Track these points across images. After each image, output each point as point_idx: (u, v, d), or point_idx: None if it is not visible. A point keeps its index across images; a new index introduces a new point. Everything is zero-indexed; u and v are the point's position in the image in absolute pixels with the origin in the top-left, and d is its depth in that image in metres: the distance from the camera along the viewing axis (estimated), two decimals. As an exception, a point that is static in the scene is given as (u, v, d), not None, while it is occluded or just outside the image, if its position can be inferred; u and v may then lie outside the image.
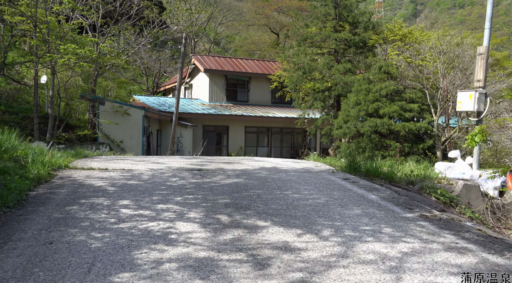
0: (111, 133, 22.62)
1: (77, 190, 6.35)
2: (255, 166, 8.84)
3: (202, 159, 9.98)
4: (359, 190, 6.79)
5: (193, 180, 7.25)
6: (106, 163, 8.74)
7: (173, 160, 9.41)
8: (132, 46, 24.69)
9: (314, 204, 5.91)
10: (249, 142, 28.52)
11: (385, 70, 19.16)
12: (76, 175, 7.39)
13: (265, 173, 8.11)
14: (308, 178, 7.65)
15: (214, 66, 29.45)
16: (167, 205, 5.67)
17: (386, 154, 18.61)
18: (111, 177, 7.31)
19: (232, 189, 6.68)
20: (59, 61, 21.11)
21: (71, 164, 8.44)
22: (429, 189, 7.44)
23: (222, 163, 9.19)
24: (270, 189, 6.74)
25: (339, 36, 20.91)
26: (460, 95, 9.31)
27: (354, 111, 19.14)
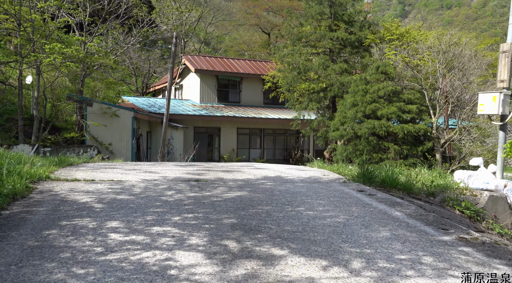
0: (99, 135, 21.61)
1: (58, 208, 5.43)
2: (258, 175, 7.98)
3: (198, 166, 9.09)
4: (379, 205, 5.96)
5: (192, 194, 6.36)
6: (93, 172, 7.80)
7: (167, 169, 8.50)
8: (120, 46, 23.67)
9: (333, 224, 5.06)
10: (241, 144, 27.64)
11: (382, 70, 18.42)
12: (59, 189, 6.45)
13: (270, 184, 7.25)
14: (319, 190, 6.80)
15: (205, 66, 28.52)
16: (164, 228, 4.78)
17: (384, 157, 17.88)
18: (99, 191, 6.40)
19: (236, 205, 5.80)
20: (45, 61, 20.04)
21: (53, 174, 7.49)
22: (452, 201, 6.65)
23: (221, 171, 8.31)
24: (279, 205, 5.87)
25: (335, 35, 20.13)
26: (482, 97, 8.54)
27: (351, 113, 18.37)
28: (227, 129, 27.25)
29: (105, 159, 20.29)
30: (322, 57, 20.19)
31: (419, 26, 21.15)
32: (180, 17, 25.41)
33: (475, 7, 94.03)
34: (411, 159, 17.60)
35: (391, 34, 19.61)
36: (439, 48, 17.50)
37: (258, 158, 27.57)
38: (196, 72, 28.20)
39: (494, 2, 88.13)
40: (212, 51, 45.84)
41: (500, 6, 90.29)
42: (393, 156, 17.75)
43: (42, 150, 20.64)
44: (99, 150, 21.12)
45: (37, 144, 20.39)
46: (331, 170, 8.91)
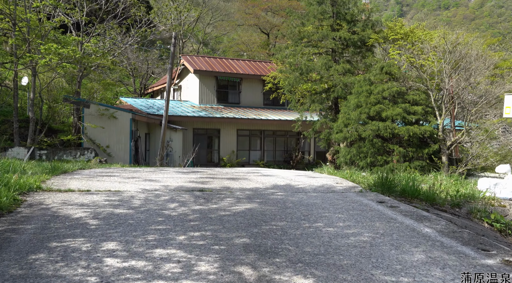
0: (97, 137, 20.95)
1: (49, 226, 4.79)
2: (266, 184, 7.36)
3: (201, 173, 8.44)
4: (405, 220, 5.34)
5: (197, 207, 5.73)
6: (89, 181, 7.16)
7: (168, 176, 7.86)
8: (118, 46, 23.00)
9: (359, 244, 4.44)
10: (241, 145, 27.00)
11: (387, 70, 17.84)
12: (50, 201, 5.81)
13: (281, 194, 6.63)
14: (335, 201, 6.19)
15: (204, 67, 27.87)
16: (168, 250, 4.15)
17: (389, 159, 17.29)
18: (94, 203, 5.76)
19: (247, 220, 5.18)
20: (40, 62, 19.37)
21: (45, 184, 6.85)
22: (480, 213, 6.06)
23: (227, 179, 7.68)
24: (295, 220, 5.25)
25: (337, 35, 19.53)
26: (509, 99, 7.95)
27: (355, 114, 17.78)
28: (227, 130, 26.62)
29: (102, 162, 19.62)
30: (324, 57, 19.59)
31: (424, 26, 20.57)
32: (179, 17, 24.76)
33: (473, 7, 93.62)
34: (417, 162, 17.03)
35: (395, 34, 19.02)
36: (445, 48, 16.92)
37: (258, 160, 26.95)
38: (195, 73, 27.56)
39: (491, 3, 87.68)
40: (211, 52, 45.20)
41: (497, 7, 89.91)
42: (398, 158, 17.17)
43: (38, 153, 19.97)
44: (96, 152, 20.47)
45: (33, 147, 19.72)
46: (344, 177, 8.30)
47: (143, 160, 22.97)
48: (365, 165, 17.59)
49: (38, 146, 19.95)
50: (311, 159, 28.08)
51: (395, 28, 19.19)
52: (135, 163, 21.55)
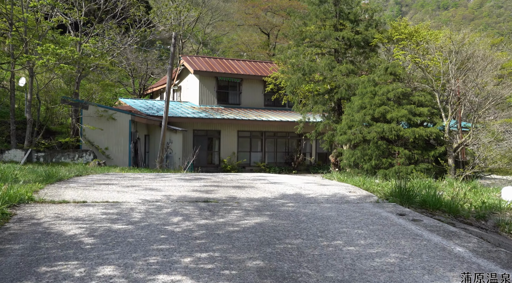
0: (95, 139, 20.40)
1: (39, 245, 4.27)
2: (275, 193, 6.84)
3: (204, 181, 7.90)
4: (432, 237, 4.83)
5: (202, 221, 5.21)
6: (85, 191, 6.62)
7: (170, 184, 7.33)
8: (117, 46, 22.45)
9: (386, 268, 3.92)
10: (241, 147, 26.48)
11: (391, 71, 17.34)
12: (42, 215, 5.28)
13: (292, 205, 6.12)
14: (352, 214, 5.67)
15: (204, 67, 27.34)
16: (172, 276, 3.63)
17: (394, 162, 16.78)
18: (90, 217, 5.23)
19: (259, 237, 4.66)
20: (37, 63, 18.82)
21: (38, 194, 6.32)
22: (509, 226, 5.55)
23: (232, 188, 7.15)
24: (311, 237, 4.73)
25: (340, 35, 19.02)
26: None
27: (359, 116, 17.27)
28: (227, 132, 26.10)
29: (101, 165, 19.08)
30: (327, 58, 19.08)
31: (428, 25, 20.07)
32: (179, 17, 24.23)
33: (472, 7, 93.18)
34: (422, 164, 16.54)
35: (400, 34, 18.52)
36: (451, 48, 16.43)
37: (259, 162, 26.43)
38: (195, 74, 27.03)
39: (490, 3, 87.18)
40: (210, 52, 44.65)
41: (496, 7, 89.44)
42: (403, 161, 16.66)
43: (36, 155, 19.43)
44: (95, 154, 19.94)
45: (30, 149, 19.17)
46: (356, 185, 7.78)
47: (143, 162, 22.45)
48: (369, 167, 17.10)
49: (36, 148, 19.41)
50: (312, 161, 27.58)
51: (400, 28, 18.69)
52: (134, 165, 21.03)
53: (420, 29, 18.82)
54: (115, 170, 12.36)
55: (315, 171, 26.72)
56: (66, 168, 15.14)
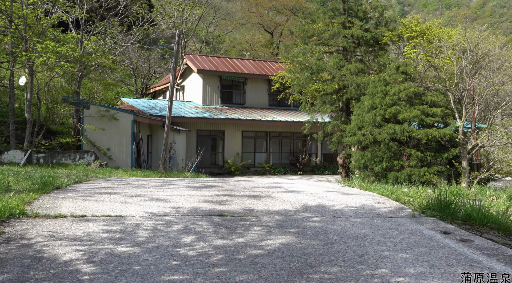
0: (97, 140, 19.65)
1: (27, 275, 3.52)
2: (295, 204, 6.08)
3: (216, 189, 7.12)
4: (492, 263, 4.07)
5: (219, 241, 4.45)
6: (85, 202, 5.86)
7: (179, 194, 6.55)
8: (119, 45, 21.68)
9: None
10: (246, 147, 25.72)
11: (403, 70, 16.58)
12: (34, 233, 4.53)
13: (317, 220, 5.36)
14: (389, 232, 4.91)
15: (208, 66, 26.58)
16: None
17: (406, 164, 16.02)
18: (90, 236, 4.48)
19: (288, 264, 3.90)
20: (37, 61, 18.09)
21: (32, 206, 5.57)
22: None
23: (247, 197, 6.39)
24: (348, 263, 3.98)
25: (349, 33, 18.25)
26: None
27: (370, 116, 16.50)
28: (232, 132, 25.34)
29: (103, 166, 18.33)
30: (336, 56, 18.30)
31: (440, 23, 19.29)
32: (182, 15, 23.47)
33: (474, 7, 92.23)
34: (435, 167, 15.76)
35: (411, 31, 17.75)
36: (465, 46, 15.66)
37: (264, 163, 25.67)
38: (198, 73, 26.27)
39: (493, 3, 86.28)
40: (213, 51, 43.87)
41: (499, 7, 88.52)
42: (416, 163, 15.89)
43: (36, 156, 18.70)
44: (96, 155, 19.21)
45: (30, 150, 18.44)
46: (384, 195, 7.01)
47: (145, 163, 21.70)
48: (380, 170, 16.34)
49: (36, 149, 18.67)
50: (318, 161, 26.82)
51: (410, 26, 17.93)
52: (137, 166, 20.29)
53: (432, 27, 18.05)
54: (117, 174, 11.61)
55: (320, 172, 25.98)
56: (66, 170, 14.41)
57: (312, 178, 23.63)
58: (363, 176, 16.80)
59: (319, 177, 24.22)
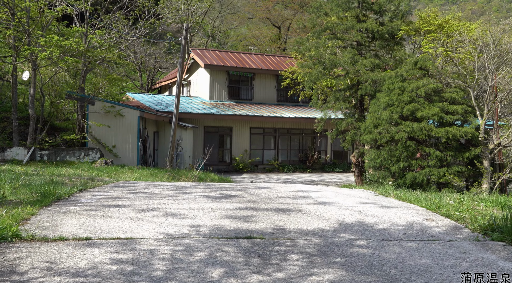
0: (102, 136, 18.84)
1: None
2: (330, 220, 5.20)
3: (237, 199, 6.19)
4: None
5: (254, 278, 3.58)
6: (90, 218, 5.00)
7: (196, 207, 5.63)
8: (125, 39, 20.76)
9: None
10: (254, 144, 24.85)
11: (421, 65, 15.66)
12: (28, 265, 3.67)
13: (363, 244, 4.49)
14: (457, 263, 4.00)
15: (215, 61, 25.66)
16: None
17: (424, 164, 15.11)
18: (96, 270, 3.63)
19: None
20: (40, 55, 17.22)
21: (28, 223, 4.71)
22: None
23: (274, 212, 5.51)
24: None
25: (364, 27, 17.31)
26: None
27: (386, 114, 15.60)
28: (240, 128, 24.47)
29: (108, 164, 17.50)
30: (350, 51, 17.37)
31: (459, 16, 18.30)
32: (189, 9, 22.53)
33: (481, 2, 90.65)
34: (455, 167, 14.86)
35: (428, 25, 16.78)
36: (487, 40, 14.70)
37: (273, 160, 24.81)
38: (205, 68, 25.36)
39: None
40: (219, 46, 42.87)
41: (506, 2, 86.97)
42: (435, 163, 14.98)
43: (39, 153, 17.90)
44: (101, 153, 18.40)
45: (33, 147, 17.63)
46: (428, 208, 6.07)
47: (151, 160, 20.87)
48: (397, 170, 15.46)
49: (39, 146, 17.84)
50: (328, 159, 25.93)
51: (428, 19, 16.97)
52: (143, 164, 19.46)
53: (451, 21, 17.08)
54: (123, 175, 10.77)
55: (330, 170, 25.12)
56: (70, 170, 13.57)
57: (322, 176, 22.76)
58: (379, 176, 15.95)
59: (329, 175, 23.34)
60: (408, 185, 15.12)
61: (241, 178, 21.48)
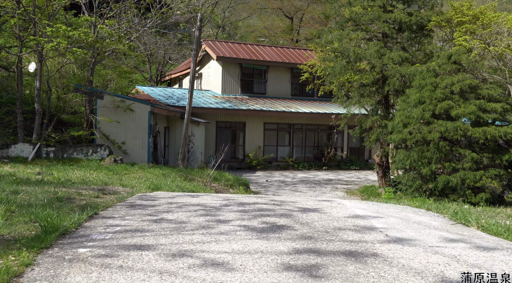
0: (111, 133, 17.50)
1: None
2: (427, 276, 3.75)
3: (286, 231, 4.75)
4: None
5: None
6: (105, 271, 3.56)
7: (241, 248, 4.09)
8: (136, 29, 19.30)
9: None
10: (268, 140, 23.48)
11: (455, 59, 14.20)
12: None
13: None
14: None
15: (228, 53, 24.20)
16: None
17: (458, 166, 13.71)
18: None
19: None
20: (46, 46, 15.82)
21: (22, 280, 3.34)
22: None
23: (345, 258, 4.01)
24: None
25: (391, 17, 15.81)
26: None
27: (417, 112, 14.23)
28: (253, 124, 23.08)
29: (117, 162, 16.18)
30: (376, 43, 15.90)
31: (495, 6, 16.76)
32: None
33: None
34: (493, 170, 13.46)
35: (462, 15, 15.25)
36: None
37: (287, 157, 23.45)
38: (217, 60, 23.93)
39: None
40: (228, 37, 41.26)
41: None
42: (470, 165, 13.59)
43: (45, 150, 16.59)
44: (110, 150, 17.07)
45: (39, 144, 16.31)
46: (502, 236, 4.70)
47: (162, 157, 19.52)
48: (428, 172, 14.09)
49: (45, 142, 16.52)
50: (344, 156, 24.54)
51: (462, 9, 15.45)
52: (153, 161, 18.15)
53: (486, 11, 15.55)
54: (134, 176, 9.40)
55: (347, 168, 23.74)
56: (78, 172, 12.24)
57: (340, 175, 21.40)
58: (407, 178, 14.56)
59: (346, 173, 21.97)
60: (440, 189, 13.78)
61: (255, 176, 20.15)
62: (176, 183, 12.48)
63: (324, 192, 16.49)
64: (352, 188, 17.81)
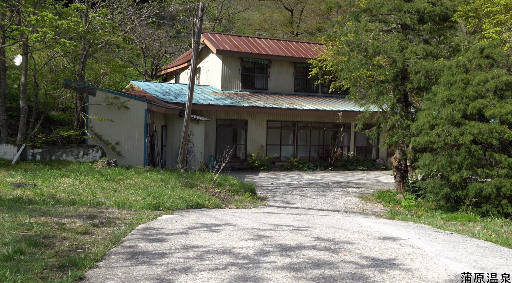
0: (104, 132, 15.53)
1: None
2: None
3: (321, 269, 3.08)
4: None
5: None
6: None
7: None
8: (131, 19, 17.22)
9: None
10: (271, 139, 21.62)
11: (488, 53, 12.42)
12: None
13: None
14: None
15: (228, 46, 22.23)
16: None
17: (493, 172, 11.96)
18: None
19: None
20: (31, 37, 13.72)
21: None
22: None
23: None
24: None
25: (413, 7, 13.95)
26: None
27: (446, 112, 12.39)
28: (255, 121, 21.20)
29: (111, 164, 14.23)
30: (396, 36, 14.05)
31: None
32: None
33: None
34: (530, 177, 11.67)
35: (491, 5, 13.43)
36: None
37: (291, 157, 21.61)
38: (217, 54, 21.96)
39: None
40: (224, 30, 39.17)
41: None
42: (506, 172, 11.84)
43: (31, 151, 14.59)
44: (103, 151, 15.11)
45: (24, 145, 14.30)
46: None
47: (159, 158, 17.57)
48: (458, 179, 12.31)
49: (31, 143, 14.49)
50: (351, 155, 22.75)
51: (492, -1, 13.65)
52: (150, 164, 16.23)
53: (519, 0, 13.76)
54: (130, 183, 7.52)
55: (354, 168, 21.96)
56: (68, 178, 10.30)
57: (348, 176, 19.67)
58: (433, 185, 12.78)
59: (354, 175, 20.21)
60: (471, 197, 12.07)
61: (259, 178, 18.32)
62: (178, 192, 10.69)
63: (335, 197, 14.74)
64: (364, 192, 16.07)
